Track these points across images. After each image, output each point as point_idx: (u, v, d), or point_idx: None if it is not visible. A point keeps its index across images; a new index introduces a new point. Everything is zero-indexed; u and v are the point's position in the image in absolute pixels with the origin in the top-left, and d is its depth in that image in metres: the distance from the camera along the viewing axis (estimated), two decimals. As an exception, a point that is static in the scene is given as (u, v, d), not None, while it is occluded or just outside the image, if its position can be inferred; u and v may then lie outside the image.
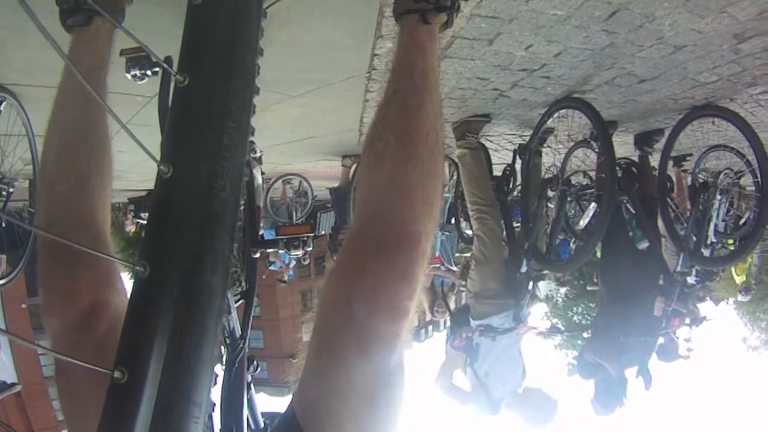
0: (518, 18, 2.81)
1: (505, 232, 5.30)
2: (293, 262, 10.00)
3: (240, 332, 2.37)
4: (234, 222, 0.99)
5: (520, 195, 5.62)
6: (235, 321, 2.33)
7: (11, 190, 4.32)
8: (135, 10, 1.89)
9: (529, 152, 5.12)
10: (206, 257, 0.92)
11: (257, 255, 2.67)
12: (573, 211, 6.12)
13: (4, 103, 3.50)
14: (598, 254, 5.53)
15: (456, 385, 5.29)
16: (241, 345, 2.31)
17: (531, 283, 5.16)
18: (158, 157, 0.95)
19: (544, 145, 5.21)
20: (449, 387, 5.31)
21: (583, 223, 5.18)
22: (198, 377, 0.87)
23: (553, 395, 5.02)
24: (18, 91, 3.60)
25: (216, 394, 1.86)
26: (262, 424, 2.39)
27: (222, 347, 2.23)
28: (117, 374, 0.80)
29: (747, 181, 4.77)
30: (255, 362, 2.43)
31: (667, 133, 5.05)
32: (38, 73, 3.11)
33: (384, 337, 1.22)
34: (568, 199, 5.05)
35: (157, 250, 0.90)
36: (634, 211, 5.14)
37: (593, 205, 4.67)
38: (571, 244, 6.87)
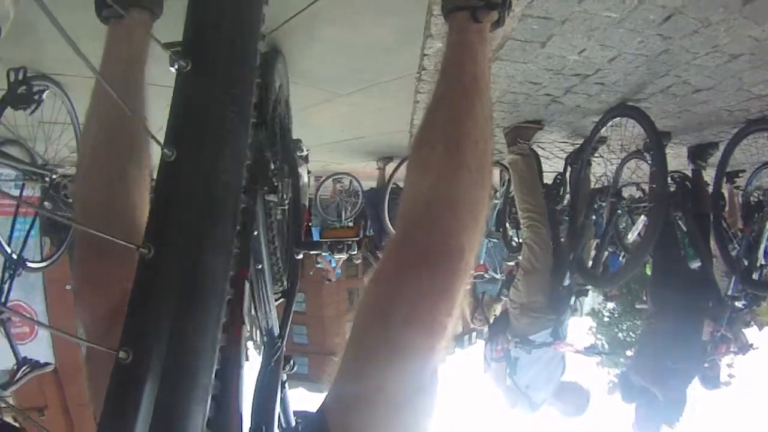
0: (571, 19, 2.76)
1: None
2: (339, 262, 10.01)
3: (278, 331, 2.34)
4: (236, 206, 1.00)
5: (568, 205, 5.54)
6: (273, 319, 2.30)
7: (54, 176, 4.40)
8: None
9: (581, 161, 5.05)
10: (208, 240, 0.93)
11: (300, 256, 2.67)
12: (624, 224, 6.00)
13: (46, 92, 3.56)
14: (648, 271, 5.42)
15: (511, 387, 5.21)
16: (279, 344, 2.27)
17: (573, 298, 5.08)
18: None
19: (596, 155, 5.10)
20: (506, 386, 5.23)
21: (631, 236, 5.08)
22: (202, 357, 0.88)
23: (586, 386, 5.05)
24: (62, 81, 3.68)
25: (249, 392, 1.87)
26: (293, 423, 2.39)
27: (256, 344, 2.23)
28: (122, 354, 0.81)
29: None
30: (292, 361, 2.44)
31: (721, 147, 4.92)
32: (80, 64, 3.09)
33: (419, 350, 1.19)
34: (619, 211, 4.95)
35: (161, 232, 0.91)
36: (686, 228, 5.03)
37: (643, 218, 4.58)
38: (621, 258, 6.74)
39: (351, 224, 8.94)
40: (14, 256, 4.24)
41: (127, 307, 0.87)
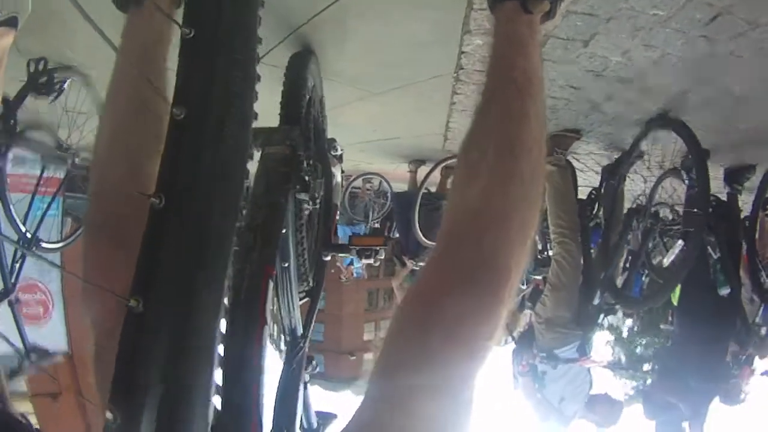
0: (616, 17, 2.70)
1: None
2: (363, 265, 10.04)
3: (301, 331, 2.36)
4: (243, 166, 1.03)
5: (603, 222, 5.47)
6: (297, 319, 2.31)
7: (76, 160, 4.51)
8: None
9: (618, 176, 4.99)
10: (216, 196, 0.97)
11: (328, 258, 2.67)
12: (651, 245, 5.92)
13: (68, 81, 3.71)
14: (672, 295, 5.35)
15: (541, 401, 5.18)
16: (301, 344, 2.30)
17: (602, 316, 5.02)
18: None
19: (632, 171, 5.04)
20: (536, 400, 5.20)
21: (667, 261, 5.00)
22: (209, 309, 0.92)
23: (617, 397, 5.06)
24: (85, 71, 3.78)
25: (271, 391, 1.86)
26: (315, 425, 2.37)
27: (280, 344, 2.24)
28: (133, 302, 0.85)
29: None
30: (314, 362, 2.41)
31: (760, 171, 4.85)
32: (102, 52, 3.09)
33: (457, 375, 1.12)
34: (656, 235, 4.88)
35: (173, 183, 0.94)
36: (719, 254, 4.93)
37: (680, 242, 4.49)
38: (644, 278, 6.64)
39: (377, 225, 8.97)
40: (28, 236, 4.29)
41: (137, 258, 0.90)
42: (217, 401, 0.95)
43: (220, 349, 0.96)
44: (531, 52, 1.35)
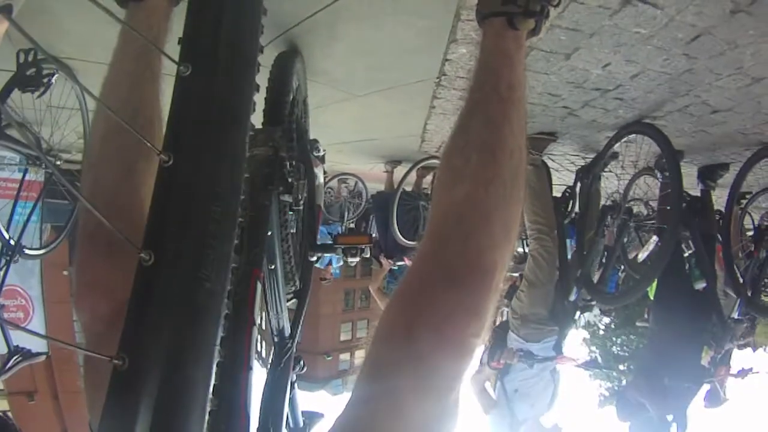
0: (600, 33, 2.75)
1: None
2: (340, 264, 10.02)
3: (289, 331, 2.37)
4: (237, 218, 0.99)
5: (577, 219, 5.55)
6: (284, 320, 2.32)
7: (58, 163, 4.39)
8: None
9: (591, 176, 5.05)
10: (208, 249, 0.92)
11: (314, 258, 2.68)
12: (627, 241, 6.00)
13: (56, 76, 3.52)
14: (649, 290, 5.42)
15: (487, 391, 5.29)
16: (289, 345, 2.32)
17: (578, 313, 5.09)
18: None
19: (606, 170, 5.10)
20: (480, 389, 5.30)
21: (642, 256, 5.08)
22: (200, 369, 0.88)
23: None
24: (73, 65, 3.62)
25: (258, 391, 1.86)
26: (301, 424, 2.39)
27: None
28: (118, 361, 0.82)
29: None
30: (302, 362, 2.44)
31: (733, 169, 4.93)
32: (96, 48, 3.07)
33: (445, 375, 1.13)
34: (628, 229, 4.96)
35: (161, 239, 0.91)
36: (694, 249, 5.03)
37: (654, 238, 4.57)
38: (620, 273, 6.73)
39: (353, 225, 8.97)
40: (11, 242, 4.20)
41: (125, 313, 0.87)
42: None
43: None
44: (516, 65, 1.40)
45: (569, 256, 5.36)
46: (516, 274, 6.25)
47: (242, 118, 1.05)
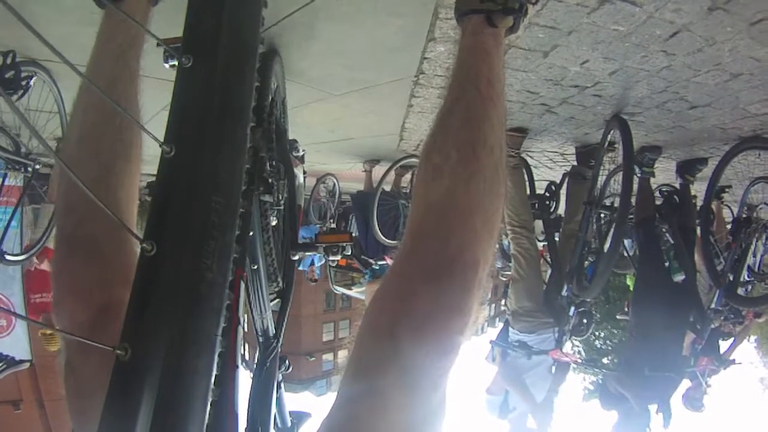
0: (578, 31, 2.75)
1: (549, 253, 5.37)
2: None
3: (274, 331, 2.40)
4: (237, 208, 1.00)
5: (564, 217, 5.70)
6: (269, 320, 2.34)
7: (37, 167, 4.32)
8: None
9: (578, 175, 5.24)
10: (210, 240, 0.92)
11: (296, 257, 2.69)
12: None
13: (34, 78, 3.49)
14: (629, 282, 5.47)
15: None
16: (274, 344, 2.35)
17: (572, 309, 5.11)
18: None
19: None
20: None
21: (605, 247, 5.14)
22: (202, 357, 0.87)
23: None
24: (51, 68, 3.59)
25: (245, 391, 1.85)
26: (289, 423, 2.39)
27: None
28: (120, 351, 0.81)
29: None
30: (287, 362, 2.48)
31: (712, 163, 4.99)
32: (72, 49, 3.01)
33: (429, 372, 1.12)
34: (602, 222, 5.03)
35: (163, 230, 0.90)
36: (672, 241, 5.08)
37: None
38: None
39: (333, 225, 8.97)
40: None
41: (127, 304, 0.86)
42: None
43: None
44: (494, 62, 1.40)
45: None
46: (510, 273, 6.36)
47: (243, 110, 1.05)
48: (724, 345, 6.57)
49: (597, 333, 26.75)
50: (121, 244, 1.31)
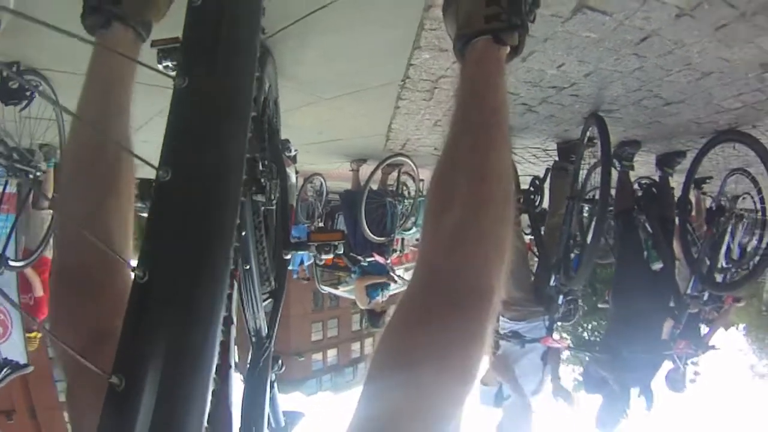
0: (553, 38, 2.90)
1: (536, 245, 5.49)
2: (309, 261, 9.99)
3: (266, 331, 2.37)
4: (233, 224, 0.96)
5: (548, 210, 5.83)
6: (261, 320, 2.31)
7: (38, 174, 4.29)
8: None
9: (560, 169, 5.37)
10: (206, 264, 0.90)
11: (288, 256, 2.67)
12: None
13: (41, 87, 3.51)
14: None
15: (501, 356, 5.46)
16: (267, 344, 2.33)
17: (561, 297, 5.22)
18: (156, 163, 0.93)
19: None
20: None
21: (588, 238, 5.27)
22: (197, 385, 0.85)
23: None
24: (49, 76, 3.59)
25: (238, 391, 1.89)
26: (282, 423, 2.42)
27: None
28: (114, 380, 0.80)
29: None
30: (280, 361, 2.47)
31: (689, 156, 5.15)
32: (71, 59, 3.04)
33: (449, 401, 1.11)
34: (584, 214, 5.18)
35: (156, 256, 0.88)
36: (650, 231, 5.22)
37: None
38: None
39: (322, 224, 8.99)
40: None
41: (120, 332, 0.85)
42: None
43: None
44: (499, 88, 1.39)
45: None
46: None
47: (240, 132, 1.02)
48: (705, 330, 6.72)
49: (584, 325, 26.77)
50: (115, 272, 1.30)
